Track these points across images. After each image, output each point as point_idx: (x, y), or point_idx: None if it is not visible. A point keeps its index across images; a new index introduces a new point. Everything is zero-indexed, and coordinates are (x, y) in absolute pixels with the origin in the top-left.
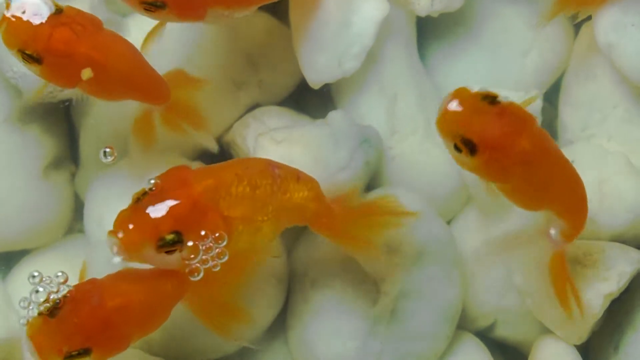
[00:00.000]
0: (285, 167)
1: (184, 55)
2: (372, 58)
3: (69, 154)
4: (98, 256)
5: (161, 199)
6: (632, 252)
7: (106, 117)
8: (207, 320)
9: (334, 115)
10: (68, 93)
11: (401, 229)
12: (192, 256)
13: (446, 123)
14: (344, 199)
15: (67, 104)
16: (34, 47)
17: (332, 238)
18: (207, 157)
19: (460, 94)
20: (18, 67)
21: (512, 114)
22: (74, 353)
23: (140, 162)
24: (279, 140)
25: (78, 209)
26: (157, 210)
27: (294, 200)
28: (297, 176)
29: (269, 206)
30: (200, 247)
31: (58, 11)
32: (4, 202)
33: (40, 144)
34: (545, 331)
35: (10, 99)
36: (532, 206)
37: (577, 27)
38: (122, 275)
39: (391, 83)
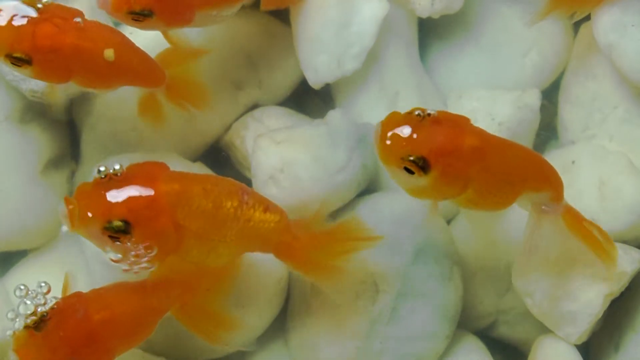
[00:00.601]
0: (256, 197)
1: None
2: (372, 58)
3: (70, 153)
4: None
5: (124, 185)
6: (633, 251)
7: (107, 116)
8: (196, 329)
9: (332, 115)
10: (68, 93)
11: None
12: (120, 257)
13: (389, 150)
14: (309, 224)
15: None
16: (20, 48)
17: (296, 268)
18: (208, 158)
19: (391, 119)
20: None
21: (447, 120)
22: None
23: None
24: (279, 141)
25: None
26: (116, 195)
27: (257, 230)
28: (266, 207)
29: (228, 229)
30: (131, 252)
31: (36, 9)
32: (3, 202)
33: (39, 143)
34: (545, 331)
35: (10, 98)
36: (507, 200)
37: (577, 26)
38: (108, 289)
39: (392, 83)
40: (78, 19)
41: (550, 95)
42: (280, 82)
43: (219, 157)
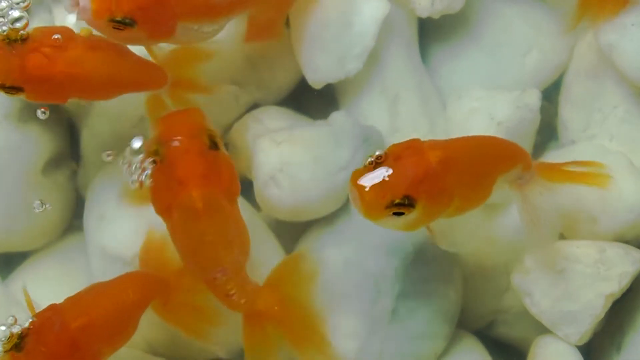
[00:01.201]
0: (230, 281)
1: None
2: (373, 58)
3: (70, 152)
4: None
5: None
6: (634, 252)
7: (107, 115)
8: (180, 326)
9: (335, 116)
10: None
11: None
12: (139, 157)
13: (371, 208)
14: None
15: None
16: (11, 78)
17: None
18: None
19: (355, 179)
20: None
21: (402, 150)
22: None
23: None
24: (279, 141)
25: (78, 206)
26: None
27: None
28: (230, 295)
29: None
30: (140, 162)
31: (24, 39)
32: (3, 202)
33: (39, 142)
34: (544, 331)
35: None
36: (487, 192)
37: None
38: (83, 293)
39: (393, 83)
40: (57, 36)
41: (551, 95)
42: (280, 82)
43: None
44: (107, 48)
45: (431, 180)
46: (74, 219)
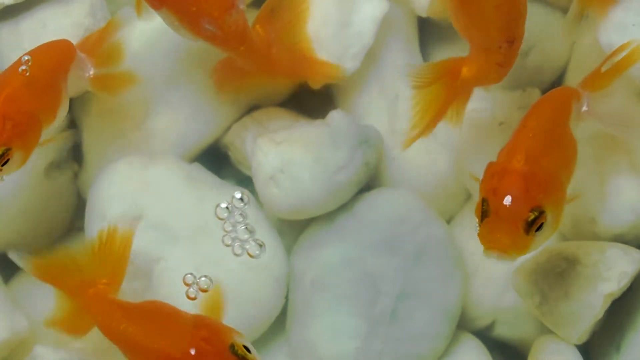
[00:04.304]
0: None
1: (179, 55)
2: (372, 58)
3: (72, 154)
4: None
5: None
6: (633, 252)
7: (108, 117)
8: None
9: (333, 115)
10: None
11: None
12: None
13: (516, 242)
14: None
15: None
16: None
17: None
18: (206, 158)
19: (492, 231)
20: None
21: (493, 183)
22: None
23: (138, 164)
24: (279, 142)
25: (79, 207)
26: None
27: None
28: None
29: None
30: None
31: None
32: (6, 203)
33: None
34: (545, 331)
35: None
36: (574, 147)
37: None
38: None
39: (392, 84)
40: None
41: None
42: (280, 82)
43: (218, 157)
44: None
45: (533, 182)
46: (75, 220)
